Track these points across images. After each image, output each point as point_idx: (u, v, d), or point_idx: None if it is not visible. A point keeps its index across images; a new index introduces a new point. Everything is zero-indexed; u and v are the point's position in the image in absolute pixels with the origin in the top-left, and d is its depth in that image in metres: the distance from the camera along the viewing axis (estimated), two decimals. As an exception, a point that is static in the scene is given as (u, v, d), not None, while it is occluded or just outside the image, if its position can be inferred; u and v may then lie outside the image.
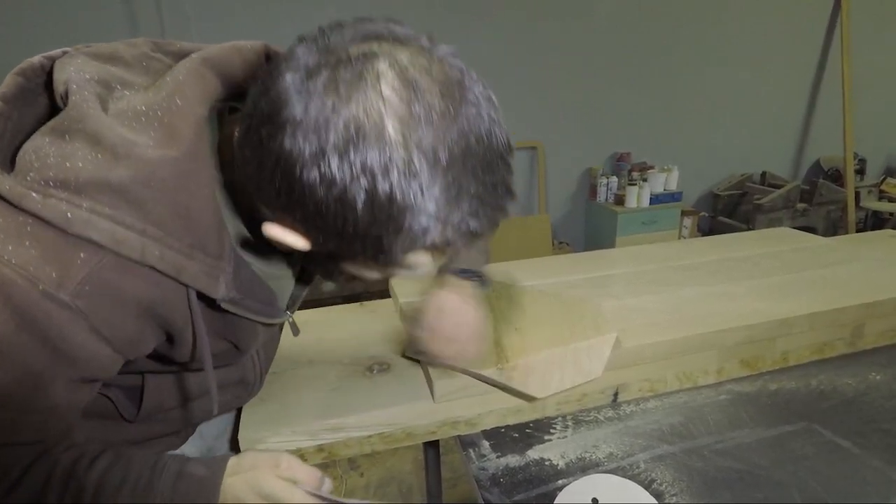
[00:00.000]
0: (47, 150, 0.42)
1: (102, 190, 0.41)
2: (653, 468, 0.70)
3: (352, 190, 0.37)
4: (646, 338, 0.83)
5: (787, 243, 1.28)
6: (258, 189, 0.42)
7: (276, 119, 0.38)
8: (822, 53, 3.62)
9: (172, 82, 0.46)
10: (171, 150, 0.44)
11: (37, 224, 0.41)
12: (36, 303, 0.40)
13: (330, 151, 0.37)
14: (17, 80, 0.47)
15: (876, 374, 0.90)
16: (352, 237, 0.40)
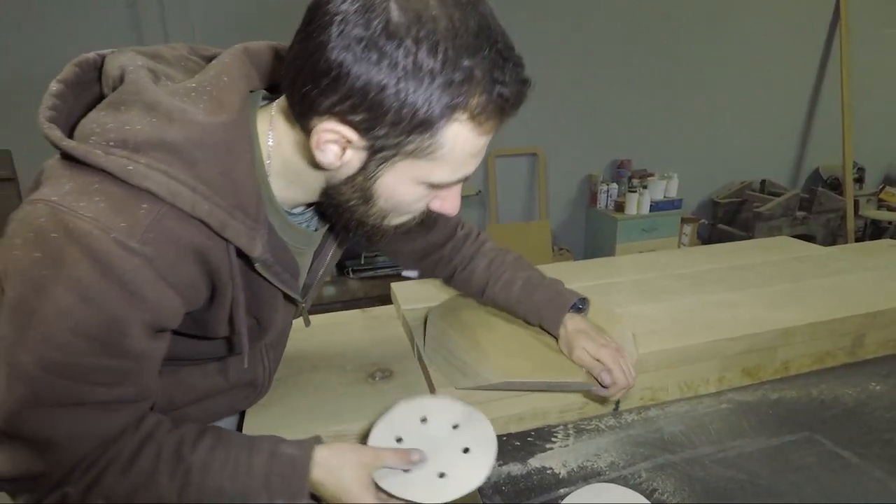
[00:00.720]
0: (105, 119, 0.46)
1: (158, 148, 0.45)
2: (654, 478, 0.70)
3: (398, 56, 0.43)
4: (648, 346, 0.84)
5: (788, 252, 1.28)
6: (309, 99, 0.46)
7: (333, 17, 0.43)
8: (820, 63, 3.64)
9: (219, 64, 0.52)
10: (220, 116, 0.49)
11: (103, 180, 0.44)
12: (112, 250, 0.43)
13: (382, 28, 0.43)
14: (74, 69, 0.52)
15: (876, 385, 0.90)
16: (399, 108, 0.45)
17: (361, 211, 0.54)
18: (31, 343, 0.44)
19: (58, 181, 0.45)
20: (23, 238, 0.44)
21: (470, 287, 0.88)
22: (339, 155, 0.49)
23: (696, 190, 3.63)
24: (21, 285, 0.44)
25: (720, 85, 3.47)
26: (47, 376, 0.45)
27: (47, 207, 0.43)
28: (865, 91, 3.63)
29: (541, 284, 0.83)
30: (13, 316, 0.44)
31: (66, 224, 0.43)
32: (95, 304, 0.44)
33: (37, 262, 0.43)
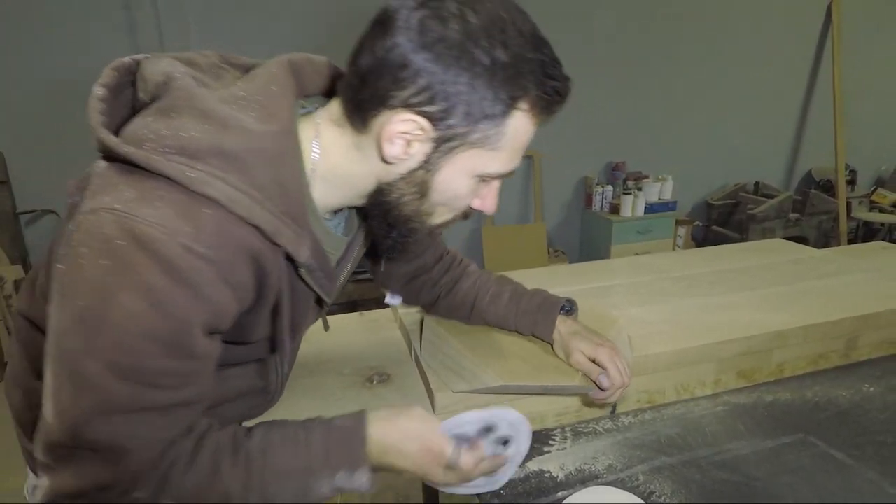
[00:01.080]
0: (157, 126, 0.47)
1: (215, 155, 0.47)
2: (651, 480, 0.71)
3: (475, 52, 0.48)
4: (645, 349, 0.84)
5: (782, 255, 1.29)
6: (381, 93, 0.50)
7: (408, 21, 0.48)
8: (813, 67, 3.68)
9: (266, 74, 0.54)
10: (271, 125, 0.51)
11: (165, 186, 0.46)
12: (179, 254, 0.44)
13: (461, 29, 0.48)
14: (113, 73, 0.53)
15: (870, 387, 0.91)
16: (473, 98, 0.49)
17: (414, 206, 0.57)
18: (100, 351, 0.45)
19: (116, 188, 0.46)
20: (89, 247, 0.44)
21: (456, 308, 0.87)
22: (405, 148, 0.52)
23: (691, 192, 3.65)
24: (89, 294, 0.44)
25: (714, 88, 3.49)
26: (117, 382, 0.45)
27: (112, 215, 0.44)
28: (857, 94, 3.67)
29: (527, 293, 0.85)
30: (80, 325, 0.45)
31: (133, 231, 0.44)
32: (164, 308, 0.45)
33: (105, 270, 0.44)
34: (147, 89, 0.52)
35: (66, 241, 0.46)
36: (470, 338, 0.85)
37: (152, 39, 2.51)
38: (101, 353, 0.45)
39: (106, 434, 0.46)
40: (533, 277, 1.19)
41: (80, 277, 0.44)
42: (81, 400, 0.45)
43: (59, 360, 0.46)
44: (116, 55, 0.56)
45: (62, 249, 0.46)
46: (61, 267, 0.46)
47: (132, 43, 2.49)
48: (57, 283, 0.46)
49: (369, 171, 0.57)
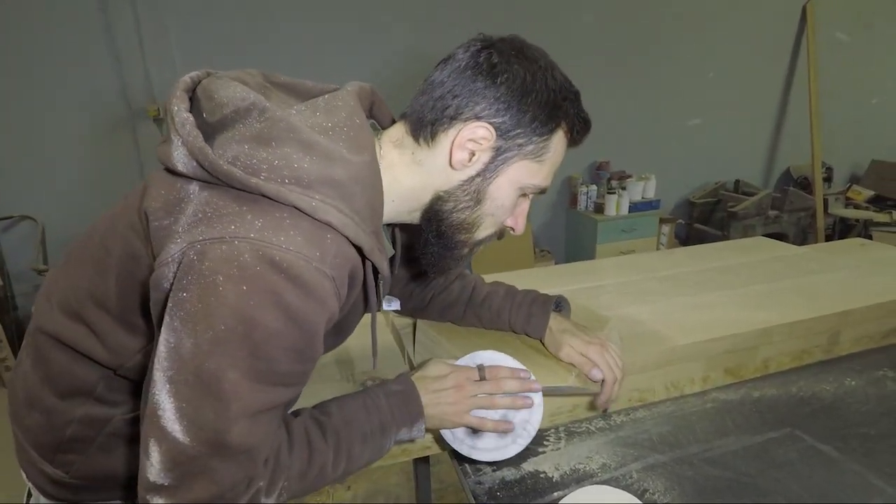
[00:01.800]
0: (262, 155, 0.52)
1: (325, 184, 0.52)
2: (645, 478, 0.72)
3: (536, 73, 0.59)
4: (635, 348, 0.85)
5: (765, 253, 1.32)
6: (455, 109, 0.58)
7: (480, 51, 0.59)
8: (789, 67, 3.76)
9: (346, 106, 0.59)
10: (364, 156, 0.57)
11: (291, 215, 0.50)
12: (313, 276, 0.50)
13: (521, 55, 0.59)
14: (185, 95, 0.57)
15: (851, 380, 0.93)
16: (532, 113, 0.59)
17: (466, 215, 0.63)
18: (242, 365, 0.49)
19: (241, 217, 0.50)
20: (225, 275, 0.47)
21: (450, 306, 0.88)
22: (470, 157, 0.60)
23: (673, 190, 3.71)
24: (231, 317, 0.47)
25: (695, 88, 3.55)
26: (257, 388, 0.50)
27: (248, 244, 0.48)
28: (831, 94, 3.76)
29: (521, 291, 0.86)
30: (222, 346, 0.48)
31: (271, 258, 0.48)
32: (302, 323, 0.50)
33: (244, 295, 0.47)
34: (219, 112, 0.54)
35: (187, 268, 0.48)
36: (463, 340, 0.85)
37: (132, 43, 2.47)
38: (244, 367, 0.49)
39: (244, 436, 0.50)
40: (521, 279, 1.19)
41: (219, 303, 0.47)
42: (227, 410, 0.49)
43: (196, 380, 0.48)
44: (93, 58, 0.55)
45: (185, 277, 0.48)
46: (187, 295, 0.48)
47: (110, 46, 2.45)
48: (183, 311, 0.48)
49: (429, 184, 0.63)
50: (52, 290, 0.63)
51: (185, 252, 0.49)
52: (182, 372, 0.48)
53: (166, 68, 2.53)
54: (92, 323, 0.59)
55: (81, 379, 0.62)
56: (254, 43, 2.64)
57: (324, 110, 0.58)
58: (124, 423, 0.64)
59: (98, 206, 2.79)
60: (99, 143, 2.59)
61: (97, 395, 0.63)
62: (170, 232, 0.51)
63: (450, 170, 0.61)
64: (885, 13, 3.86)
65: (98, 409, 0.63)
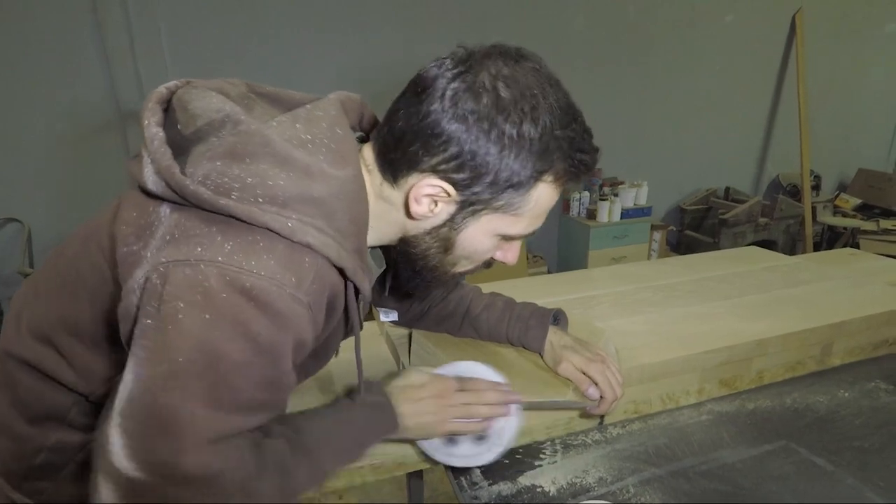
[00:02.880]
0: (234, 171, 0.47)
1: (304, 202, 0.48)
2: (642, 492, 0.72)
3: (505, 126, 0.50)
4: (631, 361, 0.85)
5: (757, 262, 1.33)
6: (413, 157, 0.52)
7: (444, 91, 0.50)
8: (779, 76, 3.80)
9: (327, 116, 0.55)
10: (347, 170, 0.53)
11: (265, 237, 0.46)
12: (288, 305, 0.46)
13: (492, 103, 0.50)
14: (159, 107, 0.53)
15: (844, 392, 0.94)
16: (499, 170, 0.52)
17: (437, 259, 0.60)
18: (202, 395, 0.45)
19: (211, 239, 0.45)
20: (186, 302, 0.43)
21: (447, 317, 0.87)
22: (432, 208, 0.55)
23: (665, 197, 3.73)
24: (192, 349, 0.44)
25: (685, 96, 3.58)
26: (215, 414, 0.46)
27: (215, 269, 0.44)
28: (820, 103, 3.81)
29: (519, 304, 0.86)
30: (181, 380, 0.44)
31: (241, 284, 0.44)
32: (271, 353, 0.47)
33: (208, 324, 0.43)
34: (193, 124, 0.50)
35: (150, 293, 0.44)
36: (459, 352, 0.85)
37: (122, 42, 2.44)
38: (202, 396, 0.45)
39: (202, 466, 0.45)
40: (515, 288, 1.19)
41: (179, 332, 0.43)
42: (181, 443, 0.44)
43: (148, 416, 0.44)
44: (82, 58, 0.54)
45: (148, 303, 0.44)
46: (148, 321, 0.44)
47: (99, 45, 2.41)
48: (145, 340, 0.44)
49: (395, 221, 0.59)
50: (22, 312, 0.60)
51: (148, 276, 0.45)
52: (134, 407, 0.44)
53: (157, 69, 2.50)
54: (63, 349, 0.56)
55: (53, 404, 0.59)
56: (247, 44, 2.62)
57: (304, 121, 0.54)
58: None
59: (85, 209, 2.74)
60: (87, 144, 2.56)
61: (70, 421, 0.59)
62: (138, 258, 0.48)
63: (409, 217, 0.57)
64: (873, 24, 3.92)
65: (72, 436, 0.60)
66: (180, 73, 0.56)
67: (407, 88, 0.54)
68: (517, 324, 0.82)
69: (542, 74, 0.53)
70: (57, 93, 2.42)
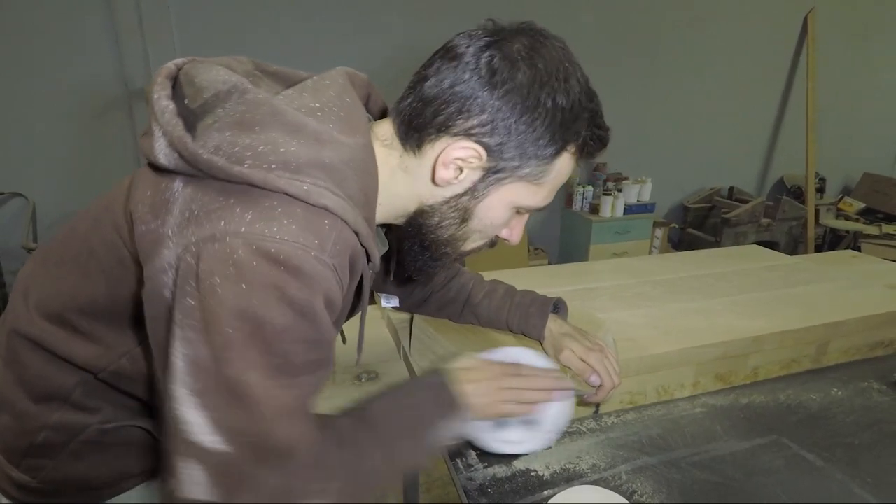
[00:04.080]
0: (245, 140, 0.47)
1: (317, 167, 0.48)
2: (634, 479, 0.73)
3: (541, 95, 0.52)
4: (628, 352, 0.86)
5: (758, 261, 1.34)
6: (445, 120, 0.53)
7: (478, 59, 0.52)
8: (788, 78, 3.78)
9: (335, 85, 0.55)
10: (357, 137, 0.53)
11: (282, 203, 0.46)
12: (314, 266, 0.46)
13: (530, 74, 0.52)
14: (167, 82, 0.52)
15: (838, 390, 0.95)
16: (531, 137, 0.53)
17: (451, 231, 0.60)
18: (260, 364, 0.45)
19: (230, 211, 0.46)
20: (221, 276, 0.44)
21: (448, 303, 0.88)
22: (457, 174, 0.56)
23: (668, 195, 3.73)
24: (236, 319, 0.44)
25: (693, 95, 3.56)
26: (278, 382, 0.46)
27: (239, 240, 0.44)
28: (829, 106, 3.79)
29: (520, 291, 0.87)
30: (234, 350, 0.44)
31: (266, 251, 0.44)
32: (310, 314, 0.47)
33: (244, 294, 0.44)
34: (200, 97, 0.50)
35: (186, 274, 0.45)
36: (460, 336, 0.86)
37: (131, 21, 2.43)
38: (262, 366, 0.45)
39: (286, 437, 0.46)
40: (516, 278, 1.20)
41: (221, 306, 0.44)
42: (261, 413, 0.45)
43: (222, 388, 0.45)
44: (91, 35, 0.54)
45: (186, 283, 0.45)
46: (191, 302, 0.45)
47: (108, 24, 2.41)
48: (192, 320, 0.45)
49: (413, 193, 0.59)
50: (30, 289, 0.60)
51: (181, 257, 0.46)
52: (206, 382, 0.45)
53: (165, 47, 2.50)
54: (76, 326, 0.56)
55: (58, 383, 0.59)
56: (256, 24, 2.61)
57: (311, 90, 0.54)
58: (99, 431, 0.61)
59: (90, 185, 2.74)
60: (93, 121, 2.56)
61: (73, 401, 0.60)
62: (158, 236, 0.48)
63: (433, 183, 0.57)
64: (883, 27, 3.89)
65: (74, 416, 0.60)
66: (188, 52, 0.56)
67: (434, 58, 0.55)
68: (517, 311, 0.83)
69: (568, 52, 0.56)
70: (65, 69, 2.42)
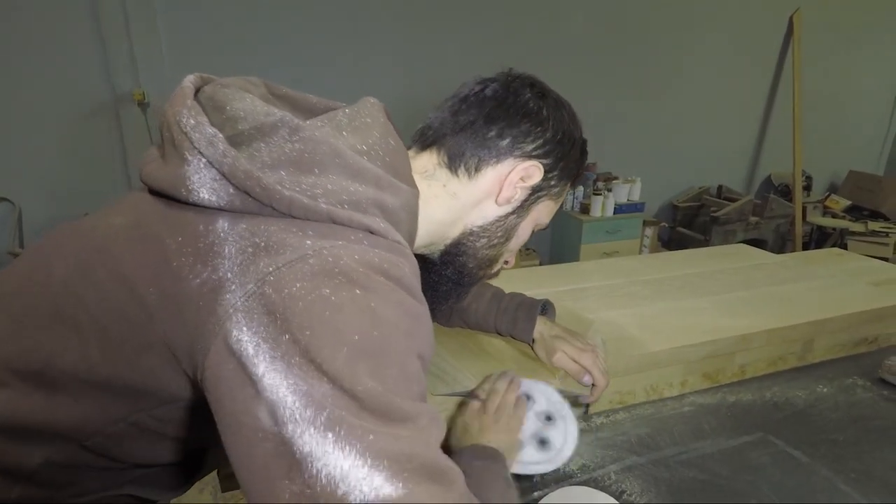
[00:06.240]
0: (310, 180, 0.45)
1: (379, 208, 0.49)
2: (623, 479, 0.74)
3: (572, 128, 0.63)
4: (617, 352, 0.87)
5: (745, 260, 1.35)
6: (509, 143, 0.59)
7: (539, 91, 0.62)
8: (774, 77, 3.83)
9: (377, 125, 0.55)
10: (410, 184, 0.55)
11: (367, 237, 0.46)
12: (410, 279, 0.46)
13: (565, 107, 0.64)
14: (197, 105, 0.48)
15: (823, 387, 0.96)
16: (571, 158, 0.63)
17: (496, 250, 0.64)
18: (396, 377, 0.40)
19: (311, 239, 0.42)
20: (331, 286, 0.39)
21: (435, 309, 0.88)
22: (516, 193, 0.60)
23: (658, 194, 3.76)
24: (360, 323, 0.39)
25: (682, 95, 3.59)
26: (416, 399, 0.41)
27: (341, 251, 0.42)
28: (814, 105, 3.84)
29: (507, 295, 0.87)
30: (368, 359, 0.39)
31: (370, 261, 0.43)
32: (423, 322, 0.46)
33: (363, 297, 0.40)
34: (232, 127, 0.47)
35: (270, 308, 0.39)
36: (450, 340, 0.86)
37: (117, 22, 2.41)
38: (400, 379, 0.41)
39: (444, 459, 0.40)
40: (506, 280, 1.20)
41: (339, 314, 0.39)
42: (416, 425, 0.39)
43: (360, 407, 0.37)
44: (77, 38, 0.52)
45: (273, 321, 0.38)
46: (289, 336, 0.38)
47: (94, 25, 2.39)
48: (297, 351, 0.38)
49: (460, 217, 0.61)
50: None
51: (254, 294, 0.39)
52: (337, 407, 0.37)
53: (153, 50, 2.48)
54: (60, 388, 0.47)
55: (18, 460, 0.49)
56: (246, 26, 2.60)
57: (350, 129, 0.52)
58: None
59: (77, 190, 2.71)
60: (80, 125, 2.53)
61: (38, 479, 0.50)
62: (215, 284, 0.41)
63: (486, 204, 0.60)
64: (867, 27, 3.94)
65: (35, 492, 0.51)
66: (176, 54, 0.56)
67: (468, 95, 0.60)
68: (505, 315, 0.84)
69: None
70: (50, 72, 2.39)
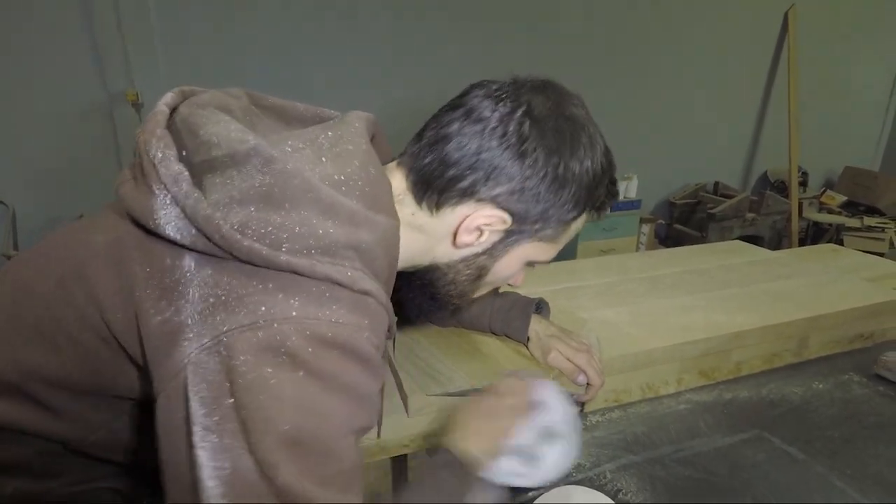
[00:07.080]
0: (277, 221, 0.43)
1: (351, 249, 0.46)
2: (619, 478, 0.73)
3: (570, 164, 0.52)
4: (613, 350, 0.87)
5: (741, 256, 1.35)
6: (470, 186, 0.52)
7: (506, 126, 0.51)
8: (770, 74, 3.83)
9: (358, 152, 0.51)
10: (387, 215, 0.51)
11: (330, 289, 0.44)
12: (368, 349, 0.45)
13: (563, 142, 0.52)
14: (167, 135, 0.47)
15: (819, 384, 0.96)
16: (558, 205, 0.53)
17: (465, 287, 0.60)
18: (316, 471, 0.40)
19: (271, 297, 0.42)
20: (273, 365, 0.40)
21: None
22: (478, 236, 0.55)
23: (654, 191, 3.75)
24: (295, 413, 0.40)
25: (677, 92, 3.59)
26: (333, 494, 0.41)
27: (290, 325, 0.41)
28: (810, 100, 3.84)
29: (501, 294, 0.86)
30: (290, 452, 0.39)
31: (322, 336, 0.42)
32: (368, 401, 0.45)
33: (303, 382, 0.41)
34: (206, 152, 0.45)
35: (220, 368, 0.40)
36: (444, 340, 0.86)
37: (109, 21, 2.39)
38: (319, 472, 0.41)
39: None
40: (504, 277, 1.20)
41: (276, 398, 0.40)
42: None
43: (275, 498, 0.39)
44: (69, 37, 0.51)
45: (222, 381, 0.40)
46: (230, 402, 0.39)
47: (86, 25, 2.37)
48: (232, 423, 0.39)
49: (426, 250, 0.58)
50: None
51: (209, 349, 0.40)
52: (253, 484, 0.39)
53: (146, 50, 2.47)
54: (43, 399, 0.50)
55: (16, 456, 0.52)
56: (240, 24, 2.58)
57: (331, 156, 0.50)
58: (64, 494, 0.56)
59: (71, 192, 2.69)
60: (74, 125, 2.52)
61: (34, 472, 0.54)
62: (174, 326, 0.42)
63: (447, 244, 0.56)
64: (863, 23, 3.95)
65: (32, 485, 0.54)
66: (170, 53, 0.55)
67: (452, 115, 0.53)
68: (499, 315, 0.83)
69: (587, 109, 0.56)
70: (41, 72, 2.38)
